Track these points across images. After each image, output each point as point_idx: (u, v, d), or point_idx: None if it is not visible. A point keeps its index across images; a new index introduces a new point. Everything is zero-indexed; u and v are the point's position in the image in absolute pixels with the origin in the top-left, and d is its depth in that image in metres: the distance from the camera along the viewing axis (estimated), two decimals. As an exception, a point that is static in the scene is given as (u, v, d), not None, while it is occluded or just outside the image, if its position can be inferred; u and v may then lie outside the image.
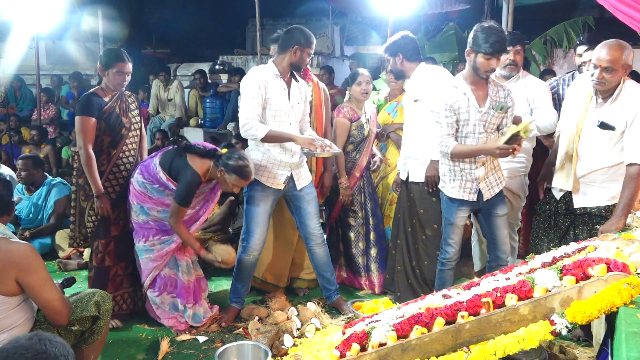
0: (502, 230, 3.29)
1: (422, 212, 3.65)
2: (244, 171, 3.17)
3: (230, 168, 3.14)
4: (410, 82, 3.62)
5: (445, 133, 3.11)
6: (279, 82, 3.33)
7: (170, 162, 3.29)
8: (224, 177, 3.19)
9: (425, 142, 3.47)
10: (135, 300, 3.62)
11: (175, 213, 3.23)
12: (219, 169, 3.18)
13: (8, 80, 8.47)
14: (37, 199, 4.87)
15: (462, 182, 3.18)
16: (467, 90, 3.07)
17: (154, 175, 3.31)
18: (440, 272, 3.36)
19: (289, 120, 3.38)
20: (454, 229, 3.26)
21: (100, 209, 3.38)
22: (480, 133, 3.09)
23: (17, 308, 2.25)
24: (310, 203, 3.56)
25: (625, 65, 2.79)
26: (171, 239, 3.39)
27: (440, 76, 3.52)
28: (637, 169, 2.78)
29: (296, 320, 3.36)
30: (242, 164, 3.15)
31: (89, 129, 3.31)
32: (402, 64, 3.55)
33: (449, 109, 3.07)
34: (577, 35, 7.33)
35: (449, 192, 3.23)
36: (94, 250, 3.49)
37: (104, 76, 3.40)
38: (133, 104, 3.58)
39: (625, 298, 2.00)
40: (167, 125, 8.06)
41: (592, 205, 3.01)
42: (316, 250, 3.64)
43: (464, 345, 2.27)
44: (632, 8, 3.34)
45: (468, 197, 3.17)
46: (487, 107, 3.08)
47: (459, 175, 3.18)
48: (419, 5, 6.92)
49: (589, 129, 2.96)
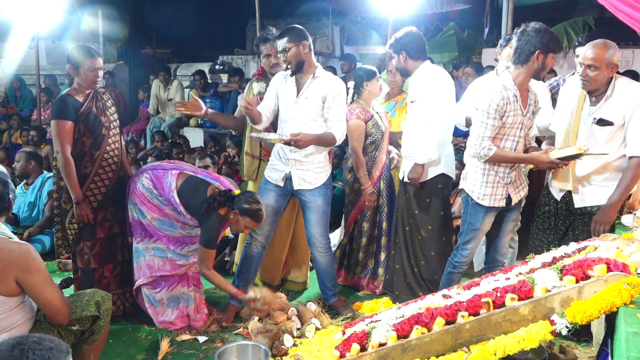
0: (508, 234, 3.28)
1: (417, 213, 3.64)
2: (257, 214, 3.15)
3: (243, 210, 3.12)
4: (410, 81, 3.58)
5: (487, 135, 2.95)
6: (289, 80, 3.40)
7: (190, 196, 3.22)
8: (237, 218, 3.16)
9: (420, 141, 3.46)
10: (124, 302, 3.58)
11: (203, 258, 3.21)
12: (233, 211, 3.15)
13: (8, 80, 8.48)
14: (32, 193, 4.90)
15: (494, 189, 3.07)
16: (517, 93, 2.94)
17: (167, 194, 3.27)
18: (450, 274, 3.30)
19: (292, 115, 3.38)
20: (477, 234, 3.18)
21: (79, 215, 3.31)
22: (520, 136, 3.02)
23: (17, 308, 2.25)
24: (312, 210, 3.49)
25: (609, 64, 2.83)
26: (165, 251, 3.36)
27: (440, 78, 3.48)
28: (637, 161, 2.83)
29: (296, 320, 3.36)
30: (256, 207, 3.14)
31: (65, 132, 3.22)
32: (406, 62, 3.49)
33: (499, 110, 2.91)
34: (577, 35, 7.33)
35: (479, 200, 3.11)
36: (79, 252, 3.43)
37: (76, 75, 3.29)
38: (109, 101, 3.49)
39: (625, 298, 2.00)
40: (167, 125, 8.06)
41: (593, 204, 3.02)
42: (317, 258, 3.63)
43: (464, 345, 2.27)
44: (632, 8, 3.34)
45: (499, 204, 3.10)
46: (529, 110, 3.02)
47: (491, 181, 3.06)
48: (419, 5, 6.92)
49: (585, 127, 2.99)
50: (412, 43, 3.46)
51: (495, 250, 3.32)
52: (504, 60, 3.57)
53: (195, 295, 3.51)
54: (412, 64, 3.49)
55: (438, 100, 3.42)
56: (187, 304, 3.45)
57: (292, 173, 3.43)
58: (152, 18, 12.60)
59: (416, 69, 3.50)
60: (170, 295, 3.41)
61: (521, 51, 2.91)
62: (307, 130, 3.35)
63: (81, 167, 3.32)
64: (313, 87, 3.36)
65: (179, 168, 3.39)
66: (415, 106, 3.52)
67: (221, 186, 3.32)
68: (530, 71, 2.92)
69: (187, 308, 3.45)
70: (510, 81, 2.95)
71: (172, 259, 3.36)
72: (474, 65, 5.59)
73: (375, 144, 3.85)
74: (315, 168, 3.45)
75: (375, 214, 3.96)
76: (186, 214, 3.25)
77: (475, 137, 3.00)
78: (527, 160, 3.00)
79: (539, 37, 2.86)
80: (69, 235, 3.45)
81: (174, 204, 3.25)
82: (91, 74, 3.27)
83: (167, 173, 3.33)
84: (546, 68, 2.94)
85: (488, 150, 2.96)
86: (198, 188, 3.26)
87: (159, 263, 3.36)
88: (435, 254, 3.64)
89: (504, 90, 2.92)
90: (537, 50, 2.86)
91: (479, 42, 8.61)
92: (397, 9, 5.56)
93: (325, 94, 3.35)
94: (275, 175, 3.48)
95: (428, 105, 3.43)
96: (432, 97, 3.42)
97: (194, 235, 3.38)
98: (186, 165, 3.49)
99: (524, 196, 3.24)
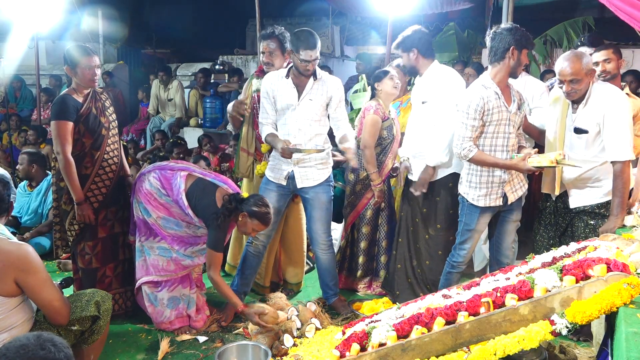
0: (511, 236, 3.28)
1: (426, 212, 3.61)
2: (265, 217, 3.13)
3: (252, 213, 3.11)
4: (421, 81, 3.53)
5: (468, 136, 3.01)
6: (285, 82, 3.39)
7: (199, 199, 3.21)
8: (245, 220, 3.14)
9: (432, 143, 3.42)
10: (125, 301, 3.58)
11: (212, 262, 3.17)
12: (242, 213, 3.14)
13: (8, 80, 8.47)
14: (36, 196, 4.88)
15: (489, 189, 3.09)
16: (497, 90, 2.99)
17: (175, 196, 3.25)
18: (449, 274, 3.32)
19: (294, 117, 3.38)
20: (473, 234, 3.20)
21: (80, 216, 3.30)
22: (510, 133, 3.05)
23: (17, 309, 2.25)
24: (315, 208, 3.49)
25: (587, 71, 2.89)
26: (170, 251, 3.35)
27: (452, 79, 3.44)
28: (620, 166, 2.88)
29: (296, 320, 3.36)
30: (265, 210, 3.13)
31: (66, 133, 3.20)
32: (417, 60, 3.44)
33: (480, 110, 2.95)
34: (577, 35, 7.32)
35: (474, 201, 3.13)
36: (79, 252, 3.43)
37: (74, 76, 3.28)
38: (107, 102, 3.49)
39: (625, 298, 2.00)
40: (167, 125, 8.06)
41: (587, 203, 3.07)
42: (319, 255, 3.63)
43: (464, 345, 2.27)
44: (634, 7, 3.33)
45: (495, 203, 3.11)
46: (514, 107, 3.04)
47: (485, 182, 3.08)
48: (419, 5, 6.92)
49: (568, 134, 3.05)
50: (424, 40, 3.43)
51: (499, 253, 3.31)
52: None
53: (197, 296, 3.51)
54: (423, 62, 3.45)
55: (450, 102, 3.36)
56: (187, 306, 3.44)
57: (294, 171, 3.44)
58: (152, 18, 12.60)
59: (427, 68, 3.46)
60: (171, 295, 3.40)
61: (496, 49, 2.99)
62: (310, 131, 3.38)
63: (82, 168, 3.31)
64: (317, 89, 3.36)
65: (187, 169, 3.37)
66: (426, 107, 3.47)
67: (229, 189, 3.30)
68: (507, 68, 2.99)
69: (187, 310, 3.45)
70: (489, 80, 3.01)
71: (176, 259, 3.36)
72: (474, 65, 5.58)
73: (382, 147, 3.81)
74: (317, 165, 3.46)
75: (377, 217, 3.95)
76: (194, 216, 3.24)
77: (457, 137, 3.08)
78: (506, 166, 3.04)
79: (512, 35, 2.94)
80: (69, 236, 3.44)
81: (182, 206, 3.24)
82: (88, 73, 3.25)
83: (176, 174, 3.31)
84: (522, 64, 3.01)
85: (468, 152, 3.03)
86: (206, 190, 3.24)
87: (164, 263, 3.36)
88: (442, 253, 3.59)
89: (484, 89, 2.98)
90: (511, 46, 2.93)
91: (479, 42, 8.60)
92: (397, 9, 5.56)
93: (331, 95, 3.38)
94: (277, 174, 3.48)
95: (440, 107, 3.39)
96: (444, 99, 3.38)
97: (199, 235, 3.38)
98: (194, 166, 3.48)
99: (523, 195, 3.24)
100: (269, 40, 3.61)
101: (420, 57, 3.44)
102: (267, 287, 3.97)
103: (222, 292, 3.22)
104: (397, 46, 3.51)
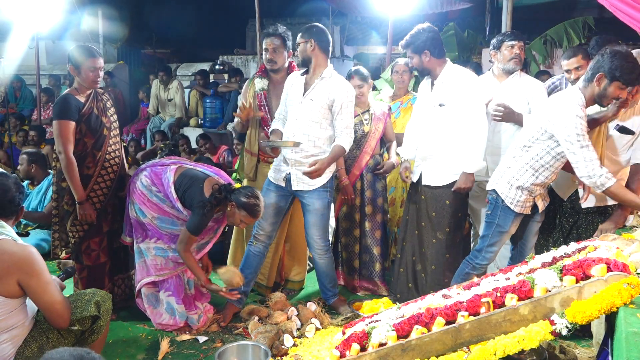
0: (534, 236, 3.23)
1: (435, 216, 3.50)
2: (254, 209, 3.12)
3: (241, 204, 3.10)
4: (437, 83, 3.40)
5: (596, 157, 2.64)
6: (300, 79, 3.43)
7: (186, 188, 3.21)
8: (233, 211, 3.13)
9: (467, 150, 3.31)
10: (127, 285, 3.68)
11: (184, 240, 3.19)
12: (230, 203, 3.14)
13: (8, 80, 8.47)
14: (36, 195, 4.89)
15: (527, 198, 3.01)
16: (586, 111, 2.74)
17: (165, 190, 3.27)
18: (467, 274, 3.22)
19: (295, 115, 3.37)
20: (504, 237, 3.12)
21: (82, 215, 3.32)
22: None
23: (18, 309, 2.24)
24: (310, 212, 3.46)
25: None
26: (166, 250, 3.37)
27: (474, 81, 3.34)
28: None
29: (296, 320, 3.36)
30: (254, 202, 3.11)
31: (68, 133, 3.22)
32: (430, 61, 3.32)
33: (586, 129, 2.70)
34: (577, 35, 7.32)
35: (512, 205, 3.02)
36: (84, 251, 3.44)
37: (77, 75, 3.30)
38: (108, 102, 3.51)
39: (625, 298, 2.01)
40: (167, 125, 8.07)
41: (599, 204, 3.07)
42: (316, 259, 3.62)
43: (464, 345, 2.27)
44: (632, 8, 3.34)
45: (527, 211, 3.06)
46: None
47: (528, 192, 2.99)
48: (419, 5, 6.92)
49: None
50: (435, 41, 3.31)
51: (521, 254, 3.24)
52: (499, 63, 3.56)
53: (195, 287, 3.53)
54: (436, 63, 3.35)
55: (479, 106, 3.28)
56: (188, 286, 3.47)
57: (291, 173, 3.42)
58: (152, 18, 12.61)
59: (441, 69, 3.36)
60: (167, 299, 3.41)
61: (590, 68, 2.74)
62: (310, 132, 3.33)
63: (84, 168, 3.33)
64: (319, 89, 3.32)
65: (178, 163, 3.39)
66: (445, 110, 3.35)
67: (220, 179, 3.30)
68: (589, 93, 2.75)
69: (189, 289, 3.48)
70: (582, 99, 2.76)
71: (173, 257, 3.37)
72: (472, 65, 5.59)
73: (355, 142, 3.78)
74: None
75: (356, 214, 3.97)
76: (183, 210, 3.24)
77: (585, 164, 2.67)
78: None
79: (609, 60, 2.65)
80: (70, 237, 3.45)
81: (172, 199, 3.24)
82: (92, 74, 3.28)
83: (166, 168, 3.32)
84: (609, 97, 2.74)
85: (606, 179, 2.65)
86: (194, 179, 3.24)
87: (162, 262, 3.37)
88: (450, 257, 3.53)
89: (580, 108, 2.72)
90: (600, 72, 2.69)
91: (479, 42, 8.59)
92: (397, 9, 5.57)
93: (334, 98, 3.29)
94: (277, 175, 3.48)
95: (464, 111, 3.29)
96: (469, 103, 3.27)
97: None
98: (185, 160, 3.48)
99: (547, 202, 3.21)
100: (272, 37, 3.61)
101: (432, 58, 3.32)
102: (270, 288, 3.97)
103: (190, 266, 3.28)
104: (406, 46, 3.38)
